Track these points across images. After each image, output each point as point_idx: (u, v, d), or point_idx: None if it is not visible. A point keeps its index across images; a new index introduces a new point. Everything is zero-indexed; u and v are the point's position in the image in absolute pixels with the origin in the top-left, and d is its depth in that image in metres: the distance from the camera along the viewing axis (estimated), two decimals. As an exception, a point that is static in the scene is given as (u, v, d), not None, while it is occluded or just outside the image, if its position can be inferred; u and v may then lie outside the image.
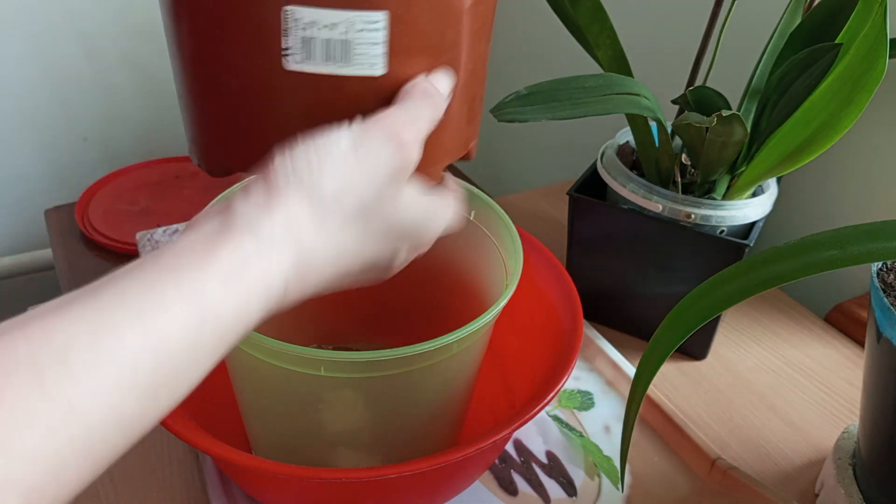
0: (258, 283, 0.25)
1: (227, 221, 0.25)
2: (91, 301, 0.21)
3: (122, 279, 0.23)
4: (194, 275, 0.23)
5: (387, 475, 0.36)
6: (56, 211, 1.06)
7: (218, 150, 0.32)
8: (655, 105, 0.52)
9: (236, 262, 0.24)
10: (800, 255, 0.31)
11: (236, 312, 0.24)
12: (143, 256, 0.24)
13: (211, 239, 0.24)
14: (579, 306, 0.47)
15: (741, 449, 0.53)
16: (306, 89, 0.29)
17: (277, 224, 0.25)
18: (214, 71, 0.30)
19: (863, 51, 0.41)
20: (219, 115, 0.31)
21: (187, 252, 0.24)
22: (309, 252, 0.26)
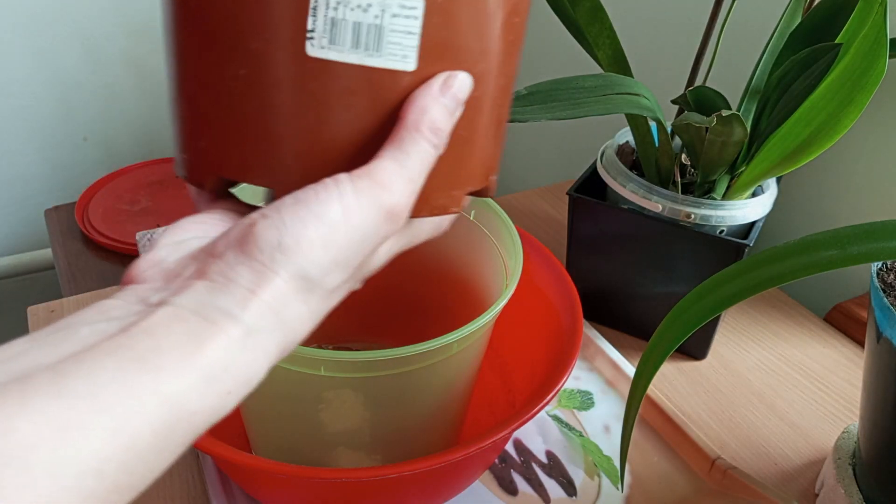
0: (242, 375, 0.23)
1: (210, 305, 0.22)
2: (57, 390, 0.19)
3: (91, 363, 0.20)
4: (176, 375, 0.21)
5: (387, 475, 0.36)
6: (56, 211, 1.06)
7: (213, 155, 0.27)
8: (655, 105, 0.52)
9: (222, 359, 0.22)
10: (800, 255, 0.31)
11: (215, 408, 0.22)
12: (115, 336, 0.21)
13: (194, 331, 0.22)
14: (579, 306, 0.47)
15: (741, 449, 0.53)
16: (327, 80, 0.25)
17: (265, 311, 0.23)
18: (222, 56, 0.26)
19: (863, 51, 0.41)
20: (219, 111, 0.27)
21: (167, 347, 0.21)
22: (294, 330, 0.24)
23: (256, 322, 0.23)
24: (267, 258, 0.23)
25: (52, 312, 0.64)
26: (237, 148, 0.27)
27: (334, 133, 0.26)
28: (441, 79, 0.27)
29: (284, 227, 0.24)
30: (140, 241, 0.79)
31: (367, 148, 0.26)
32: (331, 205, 0.24)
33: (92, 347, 0.20)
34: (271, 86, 0.26)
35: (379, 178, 0.25)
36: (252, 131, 0.26)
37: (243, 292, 0.23)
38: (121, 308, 0.23)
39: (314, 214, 0.24)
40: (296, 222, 0.24)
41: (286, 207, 0.24)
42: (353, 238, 0.24)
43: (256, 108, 0.26)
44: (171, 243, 0.26)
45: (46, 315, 0.63)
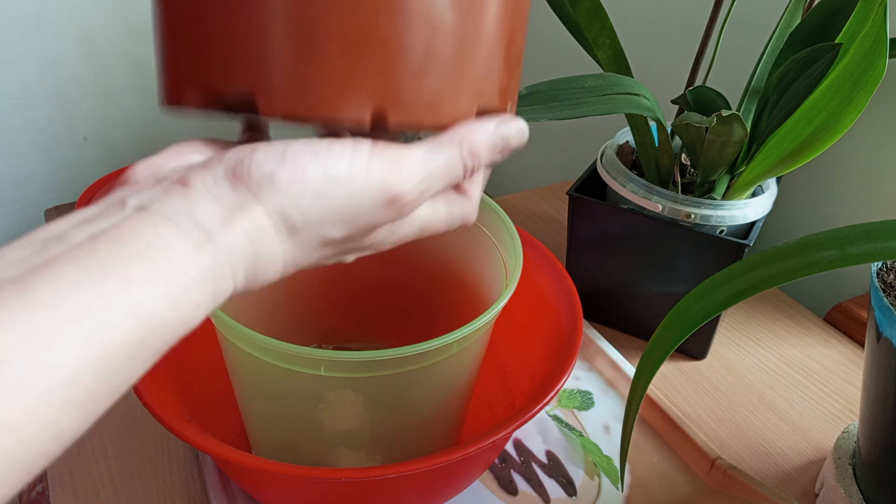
0: (210, 290, 0.22)
1: (184, 214, 0.22)
2: (23, 301, 0.19)
3: (56, 272, 0.19)
4: (143, 284, 0.20)
5: (387, 475, 0.36)
6: (56, 211, 1.06)
7: (192, 65, 0.25)
8: (655, 105, 0.52)
9: (190, 271, 0.21)
10: (800, 255, 0.31)
11: (185, 321, 0.22)
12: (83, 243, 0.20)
13: (165, 239, 0.21)
14: (579, 306, 0.47)
15: (741, 449, 0.53)
16: None
17: (240, 235, 0.22)
18: None
19: (863, 51, 0.41)
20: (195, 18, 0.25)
21: (135, 255, 0.20)
22: (265, 263, 0.24)
23: (229, 243, 0.22)
24: (255, 185, 0.23)
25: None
26: (215, 50, 0.24)
27: (323, 19, 0.24)
28: (500, 118, 0.27)
29: (283, 161, 0.23)
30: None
31: (360, 36, 0.24)
32: (340, 161, 0.23)
33: (58, 256, 0.20)
34: None
35: (399, 160, 0.24)
36: (230, 27, 0.24)
37: (222, 211, 0.22)
38: (98, 214, 0.22)
39: (319, 162, 0.23)
40: (297, 162, 0.23)
41: (294, 146, 0.23)
42: (346, 202, 0.24)
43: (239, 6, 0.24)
44: (176, 153, 0.25)
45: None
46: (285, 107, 0.24)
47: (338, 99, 0.24)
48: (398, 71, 0.24)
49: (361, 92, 0.24)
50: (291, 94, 0.24)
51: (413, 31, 0.24)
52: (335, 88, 0.24)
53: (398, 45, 0.24)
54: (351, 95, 0.24)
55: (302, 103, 0.24)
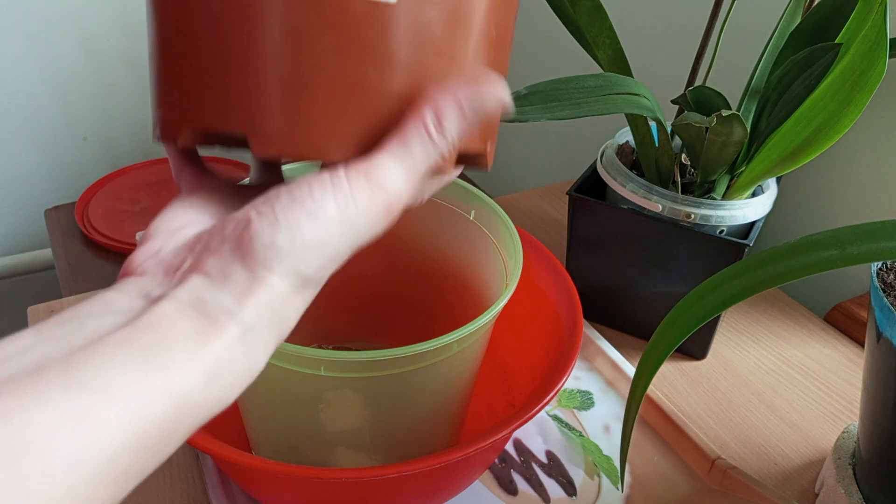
0: (243, 369, 0.23)
1: (209, 301, 0.23)
2: (71, 383, 0.20)
3: (102, 356, 0.21)
4: (182, 371, 0.22)
5: (387, 475, 0.36)
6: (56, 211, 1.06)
7: (187, 104, 0.26)
8: (655, 105, 0.52)
9: (224, 356, 0.23)
10: (800, 255, 0.31)
11: (219, 400, 0.23)
12: (122, 329, 0.22)
13: (197, 327, 0.23)
14: (579, 306, 0.47)
15: (741, 449, 0.53)
16: (302, 8, 0.24)
17: (262, 308, 0.24)
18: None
19: (863, 51, 0.41)
20: (191, 54, 0.25)
21: (173, 343, 0.22)
22: (290, 321, 0.25)
23: (254, 319, 0.23)
24: (262, 258, 0.23)
25: (52, 312, 0.64)
26: (211, 92, 0.25)
27: (312, 69, 0.24)
28: (471, 81, 0.26)
29: (278, 226, 0.23)
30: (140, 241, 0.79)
31: (347, 85, 0.25)
32: (326, 203, 0.24)
33: (101, 340, 0.21)
34: (246, 19, 0.24)
35: (377, 176, 0.25)
36: (225, 71, 0.25)
37: (240, 290, 0.23)
38: (124, 301, 0.23)
39: (308, 213, 0.24)
40: (290, 221, 0.23)
41: (280, 204, 0.24)
42: (348, 235, 0.24)
43: (230, 44, 0.25)
44: (165, 231, 0.26)
45: (46, 315, 0.63)
46: (276, 150, 0.25)
47: (326, 144, 0.25)
48: (385, 119, 0.25)
49: (349, 138, 0.25)
50: (282, 138, 0.25)
51: (389, 80, 0.25)
52: (324, 135, 0.25)
53: (386, 94, 0.25)
54: (338, 141, 0.25)
55: (291, 148, 0.25)
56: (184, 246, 0.25)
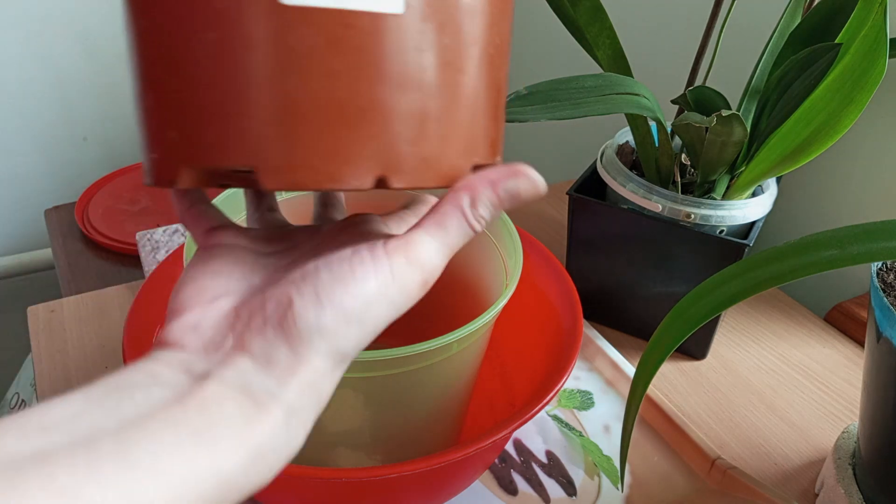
0: (285, 452, 0.24)
1: (254, 384, 0.24)
2: (123, 460, 0.20)
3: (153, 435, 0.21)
4: (228, 453, 0.22)
5: (387, 475, 0.36)
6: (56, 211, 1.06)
7: (184, 143, 0.24)
8: (655, 105, 0.52)
9: (268, 441, 0.23)
10: (800, 254, 0.31)
11: (259, 483, 0.24)
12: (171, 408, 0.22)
13: (244, 411, 0.23)
14: (579, 306, 0.47)
15: (741, 449, 0.53)
16: (306, 31, 0.23)
17: (305, 389, 0.24)
18: (187, 22, 0.23)
19: (863, 51, 0.41)
20: (187, 90, 0.24)
21: (220, 425, 0.22)
22: (328, 395, 0.26)
23: (296, 400, 0.24)
24: (306, 339, 0.24)
25: (52, 312, 0.64)
26: (210, 127, 0.24)
27: (318, 91, 0.23)
28: (510, 167, 0.26)
29: (321, 308, 0.24)
30: (140, 241, 0.79)
31: (358, 106, 0.24)
32: (367, 282, 0.24)
33: (150, 417, 0.22)
34: (244, 46, 0.23)
35: (416, 253, 0.25)
36: (226, 104, 0.23)
37: (284, 372, 0.24)
38: (168, 374, 0.24)
39: (351, 294, 0.24)
40: (333, 302, 0.24)
41: (322, 283, 0.24)
42: (386, 310, 0.25)
43: (229, 75, 0.23)
44: (200, 303, 0.26)
45: (46, 315, 0.63)
46: (288, 181, 0.24)
47: (340, 170, 0.24)
48: (392, 137, 0.24)
49: (361, 162, 0.24)
50: (293, 168, 0.24)
51: (398, 97, 0.24)
52: (337, 160, 0.24)
53: (398, 113, 0.24)
54: (353, 166, 0.24)
55: (304, 177, 0.24)
56: (224, 320, 0.26)
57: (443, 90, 0.25)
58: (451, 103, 0.26)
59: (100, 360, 0.59)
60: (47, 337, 0.61)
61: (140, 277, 0.79)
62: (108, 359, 0.59)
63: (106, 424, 0.21)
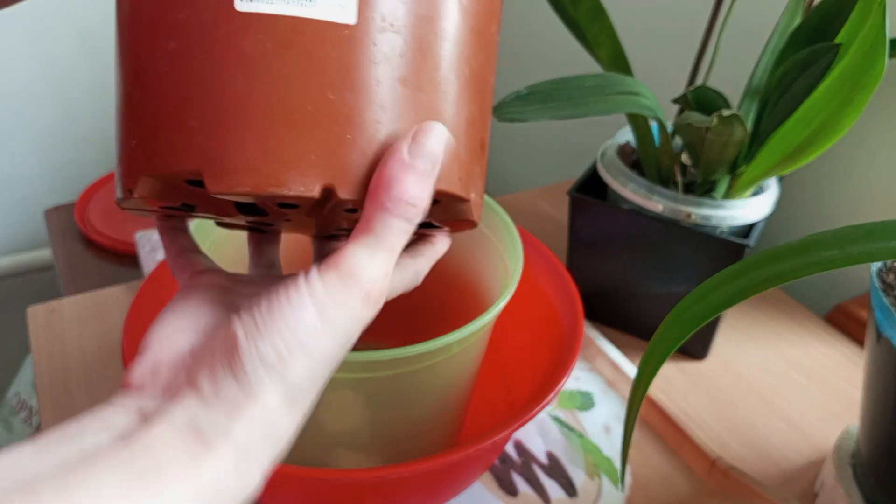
0: (237, 489, 0.23)
1: (202, 420, 0.23)
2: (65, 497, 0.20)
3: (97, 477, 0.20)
4: (176, 495, 0.21)
5: (387, 475, 0.36)
6: (56, 211, 1.06)
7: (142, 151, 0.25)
8: (655, 104, 0.52)
9: (217, 477, 0.22)
10: (800, 254, 0.31)
11: None
12: (117, 448, 0.21)
13: (191, 450, 0.22)
14: (580, 306, 0.47)
15: (741, 449, 0.53)
16: (258, 35, 0.23)
17: (255, 427, 0.23)
18: (150, 35, 0.24)
19: (862, 51, 0.41)
20: (148, 100, 0.25)
21: (167, 465, 0.22)
22: (285, 435, 0.25)
23: (246, 438, 0.23)
24: (251, 373, 0.23)
25: (52, 312, 0.64)
26: (166, 133, 0.24)
27: (264, 94, 0.23)
28: (408, 137, 0.25)
29: (263, 341, 0.23)
30: (139, 241, 0.79)
31: (304, 110, 0.24)
32: (304, 310, 0.23)
33: (94, 460, 0.21)
34: (201, 51, 0.23)
35: (349, 270, 0.24)
36: (177, 109, 0.24)
37: (231, 406, 0.23)
38: (120, 417, 0.23)
39: (288, 323, 0.23)
40: (273, 334, 0.23)
41: (261, 314, 0.24)
42: (332, 336, 0.24)
43: (183, 81, 0.24)
44: (162, 338, 0.26)
45: (46, 315, 0.63)
46: (231, 184, 0.24)
47: (284, 175, 0.24)
48: (340, 146, 0.24)
49: (307, 167, 0.24)
50: (237, 171, 0.24)
51: (362, 109, 0.24)
52: (281, 164, 0.24)
53: (347, 120, 0.24)
54: (298, 171, 0.24)
55: (247, 181, 0.24)
56: (180, 361, 0.25)
57: (399, 106, 0.25)
58: (408, 121, 0.25)
59: (99, 360, 0.59)
60: (47, 337, 0.61)
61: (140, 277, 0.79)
62: (108, 359, 0.59)
63: (48, 470, 0.20)
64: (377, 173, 0.24)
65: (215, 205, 0.29)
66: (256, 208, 0.29)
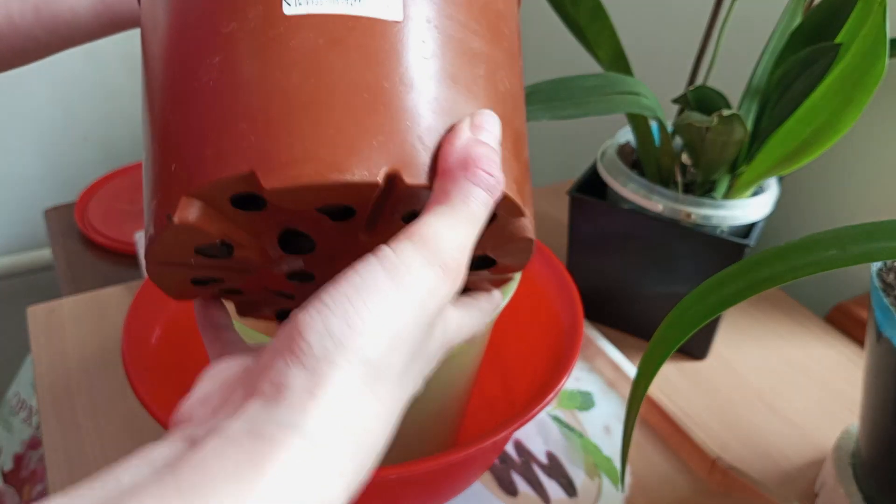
0: (315, 497, 0.19)
1: (265, 421, 0.19)
2: None
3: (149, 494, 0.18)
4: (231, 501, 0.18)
5: (387, 475, 0.36)
6: (56, 211, 1.06)
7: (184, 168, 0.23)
8: (656, 104, 0.52)
9: (287, 481, 0.18)
10: (800, 254, 0.31)
11: None
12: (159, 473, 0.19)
13: (250, 453, 0.19)
14: (580, 306, 0.47)
15: (741, 449, 0.53)
16: (308, 32, 0.23)
17: (330, 415, 0.20)
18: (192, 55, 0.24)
19: (862, 51, 0.41)
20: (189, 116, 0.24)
21: (220, 478, 0.18)
22: (369, 432, 0.21)
23: (321, 429, 0.19)
24: (318, 351, 0.20)
25: (52, 312, 0.64)
26: (211, 144, 0.23)
27: (320, 84, 0.23)
28: (467, 119, 0.24)
29: (328, 310, 0.20)
30: (139, 241, 0.79)
31: (360, 97, 0.23)
32: (375, 274, 0.21)
33: (133, 490, 0.18)
34: (249, 58, 0.23)
35: (422, 237, 0.22)
36: (227, 118, 0.23)
37: (300, 396, 0.20)
38: (164, 449, 0.20)
39: (357, 288, 0.21)
40: (340, 302, 0.20)
41: (325, 290, 0.21)
42: (407, 304, 0.21)
43: (231, 90, 0.23)
44: (209, 377, 0.24)
45: (46, 315, 0.63)
46: (291, 176, 0.22)
47: (347, 161, 0.23)
48: (400, 132, 0.24)
49: (370, 152, 0.23)
50: (296, 162, 0.22)
51: (416, 100, 0.24)
52: (342, 150, 0.23)
53: (403, 108, 0.24)
54: (359, 157, 0.23)
55: (308, 170, 0.22)
56: (233, 380, 0.23)
57: (452, 101, 0.25)
58: (462, 116, 0.25)
59: (99, 360, 0.59)
60: (47, 337, 0.61)
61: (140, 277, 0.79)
62: (108, 359, 0.59)
63: None
64: (445, 151, 0.23)
65: (257, 244, 0.26)
66: (302, 239, 0.27)
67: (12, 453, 0.88)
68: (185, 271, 0.28)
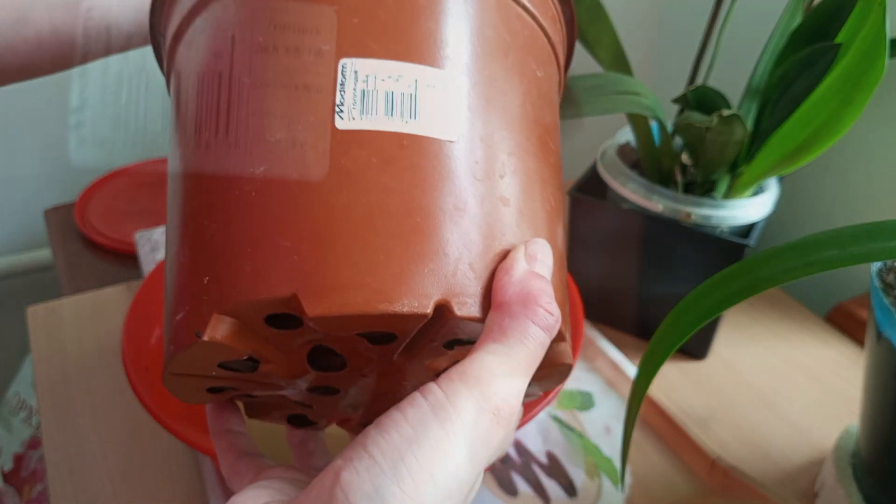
0: None
1: None
2: None
3: None
4: None
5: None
6: (56, 211, 1.06)
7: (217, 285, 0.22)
8: (656, 104, 0.52)
9: None
10: (800, 254, 0.31)
11: None
12: None
13: None
14: (580, 306, 0.47)
15: (741, 449, 0.53)
16: (359, 150, 0.22)
17: None
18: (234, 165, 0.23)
19: (862, 51, 0.41)
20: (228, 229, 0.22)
21: None
22: None
23: None
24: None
25: (52, 312, 0.64)
26: (249, 260, 0.21)
27: (369, 206, 0.22)
28: (521, 248, 0.23)
29: (378, 468, 0.19)
30: (139, 240, 0.79)
31: (410, 222, 0.22)
32: (427, 424, 0.19)
33: None
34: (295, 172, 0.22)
35: (476, 377, 0.20)
36: (268, 233, 0.21)
37: None
38: None
39: (409, 441, 0.19)
40: (391, 458, 0.19)
41: (372, 441, 0.19)
42: (462, 456, 0.19)
43: (275, 204, 0.22)
44: None
45: (46, 315, 0.63)
46: (336, 304, 0.21)
47: (395, 289, 0.21)
48: (451, 258, 0.22)
49: (419, 280, 0.21)
50: (342, 288, 0.21)
51: (469, 224, 0.23)
52: (389, 278, 0.21)
53: (455, 234, 0.23)
54: (408, 284, 0.21)
55: (354, 298, 0.21)
56: None
57: (504, 225, 0.24)
58: (514, 241, 0.24)
59: (99, 360, 0.59)
60: (47, 337, 0.61)
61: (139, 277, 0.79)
62: (108, 359, 0.59)
63: None
64: (503, 283, 0.22)
65: (285, 359, 0.25)
66: (333, 356, 0.25)
67: (12, 453, 0.88)
68: (204, 382, 0.26)
